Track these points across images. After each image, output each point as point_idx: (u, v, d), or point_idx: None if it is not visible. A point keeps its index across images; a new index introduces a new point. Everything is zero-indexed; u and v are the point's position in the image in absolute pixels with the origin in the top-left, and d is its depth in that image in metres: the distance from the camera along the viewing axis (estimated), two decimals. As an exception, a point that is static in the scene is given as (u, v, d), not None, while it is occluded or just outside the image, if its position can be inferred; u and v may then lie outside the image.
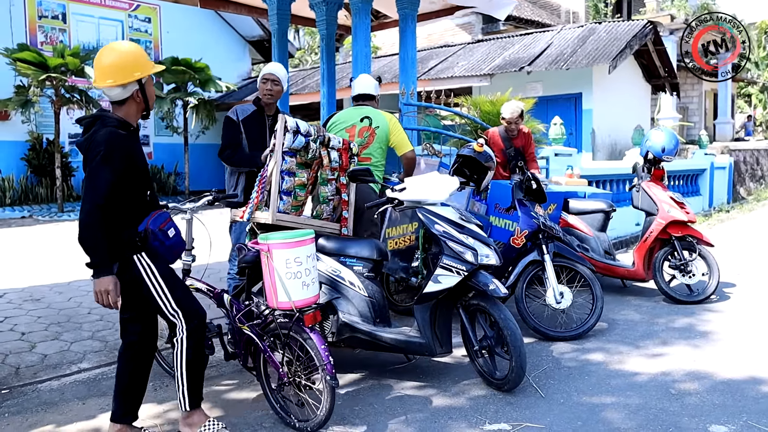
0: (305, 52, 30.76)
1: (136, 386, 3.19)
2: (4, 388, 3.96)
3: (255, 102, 4.88)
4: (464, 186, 5.04)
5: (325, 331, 3.98)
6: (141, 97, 3.05)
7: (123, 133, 2.96)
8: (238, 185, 4.82)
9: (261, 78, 4.79)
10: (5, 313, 5.65)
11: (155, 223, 3.03)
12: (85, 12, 16.49)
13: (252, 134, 4.79)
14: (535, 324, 4.82)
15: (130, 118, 3.06)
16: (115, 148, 2.88)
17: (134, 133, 3.08)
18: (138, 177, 3.03)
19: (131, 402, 3.19)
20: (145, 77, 3.03)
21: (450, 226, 3.78)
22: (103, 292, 2.88)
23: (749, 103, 31.43)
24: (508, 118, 6.27)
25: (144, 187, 3.09)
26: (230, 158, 4.77)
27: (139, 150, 3.08)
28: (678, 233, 5.89)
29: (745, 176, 16.65)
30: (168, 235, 3.06)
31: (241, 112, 4.82)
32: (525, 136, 6.47)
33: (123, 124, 3.00)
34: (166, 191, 16.70)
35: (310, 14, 9.39)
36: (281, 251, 3.24)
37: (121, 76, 2.95)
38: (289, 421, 3.36)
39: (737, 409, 3.53)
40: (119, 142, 2.91)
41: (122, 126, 2.99)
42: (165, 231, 3.05)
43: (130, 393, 3.18)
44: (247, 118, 4.80)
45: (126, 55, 3.01)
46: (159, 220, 3.07)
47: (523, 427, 3.34)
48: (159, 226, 3.03)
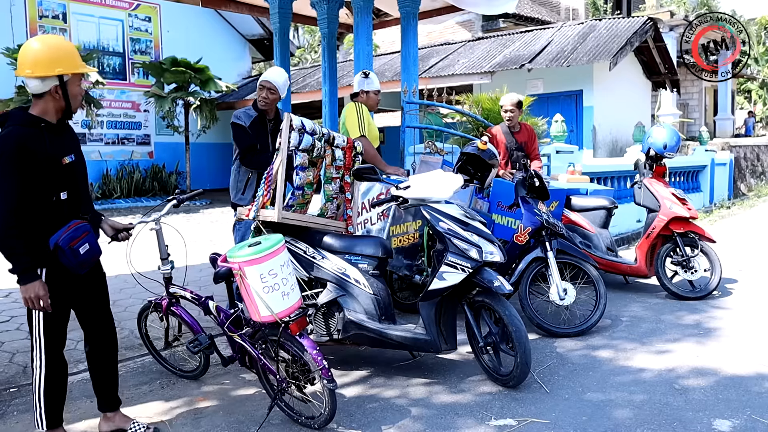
0: (305, 50, 30.77)
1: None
2: (12, 386, 3.99)
3: (254, 107, 4.89)
4: (468, 184, 5.06)
5: (330, 328, 4.00)
6: (60, 95, 2.90)
7: (26, 131, 2.81)
8: (247, 189, 4.84)
9: (259, 84, 4.83)
10: (11, 312, 5.67)
11: (66, 240, 2.86)
12: (85, 11, 16.48)
13: (258, 138, 4.82)
14: (539, 320, 4.84)
15: (47, 115, 2.91)
16: (11, 147, 2.74)
17: (49, 128, 2.90)
18: (44, 177, 2.85)
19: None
20: (68, 75, 2.89)
21: (455, 223, 3.80)
22: (33, 299, 2.82)
23: (749, 99, 31.45)
24: (506, 106, 6.32)
25: (55, 189, 2.91)
26: (251, 162, 4.78)
27: (49, 147, 2.87)
28: (680, 229, 5.91)
29: (746, 172, 16.66)
30: (78, 254, 2.89)
31: (246, 117, 4.83)
32: (528, 132, 6.49)
33: (32, 121, 2.86)
34: (168, 190, 16.70)
35: (311, 13, 9.40)
36: (253, 267, 3.15)
37: (40, 68, 2.82)
38: (296, 419, 3.38)
39: (741, 403, 3.55)
40: (14, 141, 2.76)
41: (30, 122, 2.85)
42: (76, 249, 2.87)
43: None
44: (251, 125, 4.81)
45: (51, 48, 2.88)
46: (73, 235, 2.89)
47: (529, 423, 3.36)
48: (70, 244, 2.86)
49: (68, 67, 2.87)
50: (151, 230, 3.79)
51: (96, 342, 3.29)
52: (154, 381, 4.07)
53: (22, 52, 2.88)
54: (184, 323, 3.91)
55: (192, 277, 6.18)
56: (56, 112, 2.94)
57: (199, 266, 6.98)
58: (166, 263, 3.83)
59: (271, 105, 4.83)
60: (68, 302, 3.11)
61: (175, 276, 3.95)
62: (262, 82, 4.78)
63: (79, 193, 3.06)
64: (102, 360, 3.32)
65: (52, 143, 2.90)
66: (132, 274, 3.71)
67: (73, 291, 3.09)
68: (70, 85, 2.91)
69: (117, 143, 17.02)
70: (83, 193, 3.10)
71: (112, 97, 16.75)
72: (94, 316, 3.26)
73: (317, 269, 3.97)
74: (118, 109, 17.04)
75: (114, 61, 17.03)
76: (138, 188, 16.34)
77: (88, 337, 3.29)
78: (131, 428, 3.30)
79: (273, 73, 4.85)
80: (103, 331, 3.30)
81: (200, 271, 6.94)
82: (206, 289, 5.65)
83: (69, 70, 2.88)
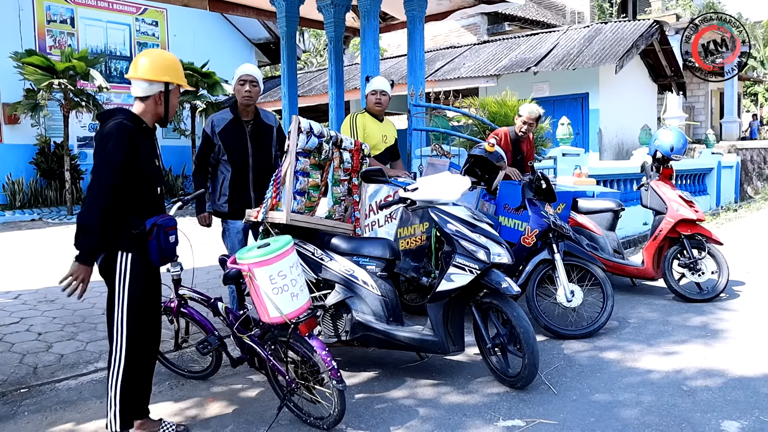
0: (310, 54, 30.86)
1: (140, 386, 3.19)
2: (23, 386, 4.02)
3: (231, 109, 4.66)
4: (475, 186, 5.07)
5: (338, 329, 4.02)
6: (162, 102, 3.15)
7: (131, 125, 3.02)
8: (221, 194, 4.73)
9: (238, 80, 4.56)
10: (21, 314, 5.72)
11: (164, 223, 3.11)
12: (93, 16, 16.59)
13: (230, 145, 4.59)
14: (546, 322, 4.85)
15: (145, 117, 3.14)
16: (123, 136, 2.95)
17: (145, 130, 3.14)
18: (143, 172, 3.07)
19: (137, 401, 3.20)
20: (173, 85, 3.16)
21: (462, 225, 3.81)
22: (74, 278, 2.90)
23: (756, 102, 31.36)
24: (525, 116, 6.15)
25: (151, 184, 3.15)
26: (192, 174, 4.79)
27: (146, 146, 3.12)
28: (687, 232, 5.91)
29: (753, 175, 16.62)
30: (169, 240, 3.14)
31: (218, 123, 4.61)
32: (530, 143, 6.47)
33: (134, 119, 3.09)
34: (174, 194, 16.77)
35: (317, 16, 9.46)
36: (262, 269, 3.18)
37: (151, 72, 3.09)
38: (305, 419, 3.40)
39: (749, 405, 3.55)
40: (125, 132, 2.97)
41: (133, 120, 3.07)
42: (168, 235, 3.13)
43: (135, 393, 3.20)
44: (224, 129, 4.59)
45: (166, 59, 3.18)
46: (169, 222, 3.16)
47: (537, 424, 3.37)
48: (166, 228, 3.12)
49: (175, 79, 3.16)
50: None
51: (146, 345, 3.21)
52: (163, 382, 4.10)
53: (139, 57, 3.15)
54: (196, 324, 3.93)
55: (200, 279, 6.22)
56: (153, 116, 3.18)
57: (206, 268, 7.02)
58: (175, 265, 3.85)
59: (254, 99, 4.60)
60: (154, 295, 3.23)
61: (183, 278, 3.97)
62: (242, 77, 4.54)
63: (163, 194, 3.29)
64: (146, 364, 3.26)
65: (149, 143, 3.16)
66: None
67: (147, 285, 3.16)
68: (172, 95, 3.19)
69: (124, 147, 17.06)
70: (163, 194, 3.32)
71: (119, 100, 16.82)
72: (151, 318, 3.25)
73: (325, 271, 3.99)
74: (126, 113, 17.09)
75: (121, 65, 17.12)
76: (145, 191, 16.39)
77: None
78: (162, 429, 3.27)
79: (249, 67, 4.64)
80: (155, 335, 3.31)
81: (207, 273, 6.98)
82: (213, 291, 5.69)
83: (175, 80, 3.16)
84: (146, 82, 3.09)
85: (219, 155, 4.66)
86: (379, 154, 5.41)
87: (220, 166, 4.70)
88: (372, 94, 5.42)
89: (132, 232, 3.02)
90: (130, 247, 3.04)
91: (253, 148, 4.64)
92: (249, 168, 4.63)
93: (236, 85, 4.60)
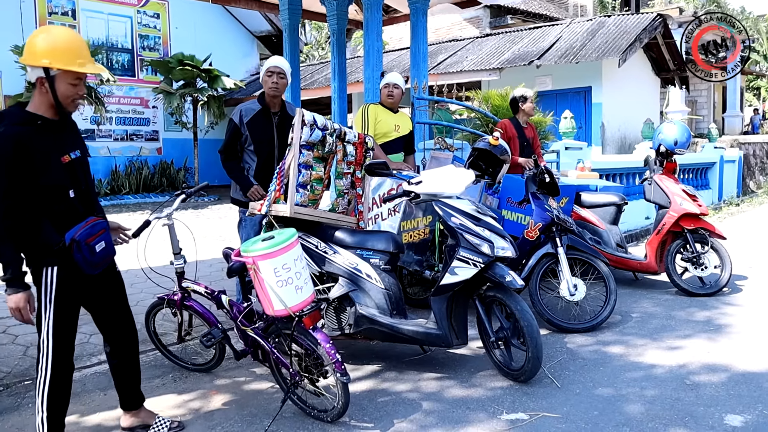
0: (312, 47, 30.76)
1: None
2: (26, 379, 4.03)
3: (260, 100, 4.71)
4: (479, 179, 5.07)
5: (342, 323, 4.02)
6: (48, 89, 2.71)
7: (20, 129, 2.68)
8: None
9: (266, 71, 4.62)
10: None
11: (83, 236, 2.77)
12: (94, 8, 16.54)
13: (258, 135, 4.64)
14: (549, 316, 4.85)
15: (40, 110, 2.76)
16: (4, 148, 2.61)
17: (44, 126, 2.75)
18: (46, 176, 2.73)
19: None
20: (55, 69, 2.68)
21: (466, 218, 3.81)
22: (14, 310, 2.71)
23: (758, 96, 31.29)
24: (531, 98, 6.29)
25: (58, 191, 2.80)
26: (223, 162, 4.75)
27: (46, 148, 2.74)
28: (690, 226, 5.90)
29: (755, 170, 16.58)
30: (94, 251, 2.81)
31: (246, 113, 4.65)
32: (532, 129, 6.50)
33: (27, 118, 2.73)
34: (176, 186, 16.77)
35: (320, 9, 9.42)
36: (267, 262, 3.16)
37: (28, 55, 2.69)
38: (309, 412, 3.40)
39: (753, 399, 3.55)
40: (7, 141, 2.62)
41: (26, 121, 2.72)
42: (92, 246, 2.80)
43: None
44: (252, 120, 4.63)
45: (46, 38, 2.72)
46: (90, 231, 2.82)
47: (541, 417, 3.37)
48: (87, 240, 2.78)
49: (58, 62, 2.66)
50: (164, 225, 3.82)
51: (117, 342, 3.22)
52: (166, 374, 4.10)
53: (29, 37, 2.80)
54: (199, 316, 3.94)
55: (202, 273, 6.23)
56: (47, 106, 2.76)
57: (209, 261, 7.03)
58: (179, 258, 3.86)
59: (281, 90, 4.65)
60: (80, 303, 3.03)
61: (186, 271, 3.98)
62: (270, 69, 4.59)
63: (88, 190, 2.97)
64: (124, 360, 3.26)
65: (51, 141, 2.77)
66: (143, 269, 3.74)
67: (86, 292, 3.01)
68: (58, 81, 2.71)
69: (126, 139, 17.09)
70: (92, 191, 3.02)
71: (120, 93, 16.82)
72: (112, 317, 3.19)
73: (329, 264, 3.99)
74: (127, 106, 17.10)
75: (123, 57, 17.09)
76: (146, 184, 16.43)
77: (108, 338, 3.23)
78: (156, 423, 3.28)
79: (278, 59, 4.72)
80: (124, 332, 3.23)
81: (210, 266, 6.98)
82: (216, 284, 5.69)
83: (58, 64, 2.67)
84: (29, 66, 2.70)
85: (245, 145, 4.69)
86: (390, 141, 5.44)
87: (244, 155, 4.74)
88: (385, 87, 5.55)
89: (53, 248, 2.76)
90: (54, 261, 2.79)
91: (279, 140, 4.67)
92: (274, 159, 4.66)
93: (264, 76, 4.64)
